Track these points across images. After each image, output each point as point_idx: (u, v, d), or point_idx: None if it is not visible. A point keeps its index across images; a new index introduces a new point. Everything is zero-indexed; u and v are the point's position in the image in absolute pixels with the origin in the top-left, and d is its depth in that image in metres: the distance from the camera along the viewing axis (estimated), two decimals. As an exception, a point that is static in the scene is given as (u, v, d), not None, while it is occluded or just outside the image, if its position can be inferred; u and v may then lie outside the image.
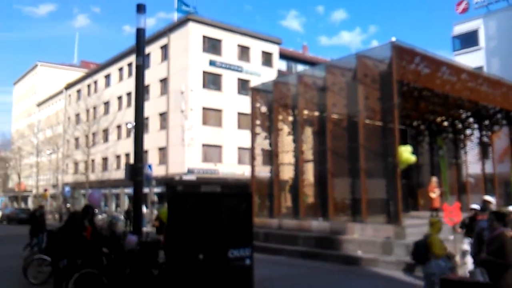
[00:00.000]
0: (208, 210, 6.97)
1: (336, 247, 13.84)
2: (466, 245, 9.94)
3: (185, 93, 37.55)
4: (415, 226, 13.98)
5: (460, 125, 22.33)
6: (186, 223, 6.91)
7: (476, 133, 22.30)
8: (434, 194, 16.83)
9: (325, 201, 15.71)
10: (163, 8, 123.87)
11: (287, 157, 18.24)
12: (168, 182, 36.84)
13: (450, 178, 21.01)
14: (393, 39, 14.15)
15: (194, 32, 38.82)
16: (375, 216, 14.25)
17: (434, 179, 17.54)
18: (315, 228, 15.56)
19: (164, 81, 40.85)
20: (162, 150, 39.93)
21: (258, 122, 19.49)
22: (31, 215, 17.16)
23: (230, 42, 40.88)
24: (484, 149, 22.30)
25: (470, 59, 38.62)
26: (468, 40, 42.00)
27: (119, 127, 45.56)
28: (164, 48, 41.41)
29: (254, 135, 19.44)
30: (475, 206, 10.22)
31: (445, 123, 22.61)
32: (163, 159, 39.50)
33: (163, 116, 40.37)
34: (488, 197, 10.54)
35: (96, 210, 23.88)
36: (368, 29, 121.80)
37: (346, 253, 13.25)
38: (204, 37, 39.37)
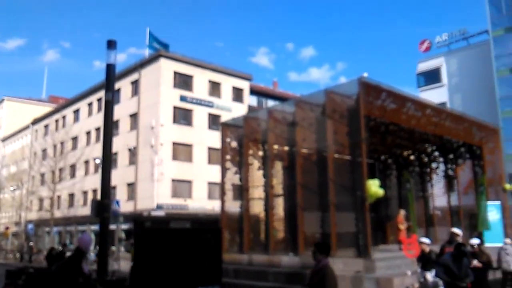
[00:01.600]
0: (176, 247, 6.84)
1: (307, 282, 13.68)
2: (430, 277, 10.04)
3: (155, 128, 37.37)
4: (384, 259, 14.04)
5: (426, 159, 22.82)
6: (153, 260, 6.75)
7: (442, 167, 22.83)
8: (402, 226, 17.02)
9: (295, 235, 15.62)
10: (135, 44, 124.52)
11: (257, 192, 18.18)
12: (136, 218, 36.09)
13: (417, 211, 21.29)
14: (365, 74, 14.58)
15: (165, 68, 39.05)
16: (344, 250, 14.23)
17: (402, 212, 17.78)
18: (285, 263, 15.40)
19: (134, 116, 40.63)
20: (131, 186, 39.28)
21: (228, 157, 19.46)
22: (48, 256, 15.27)
23: (201, 78, 41.24)
24: (450, 182, 22.79)
25: (434, 95, 40.07)
26: (432, 77, 43.74)
27: (87, 162, 44.76)
28: (135, 83, 41.40)
29: (224, 170, 19.37)
30: (425, 240, 10.40)
31: (412, 157, 23.08)
32: (132, 195, 38.82)
33: (133, 151, 39.94)
34: (455, 230, 10.72)
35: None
36: (336, 66, 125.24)
37: (317, 289, 13.10)
38: (175, 73, 39.63)
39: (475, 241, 11.27)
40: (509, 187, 21.29)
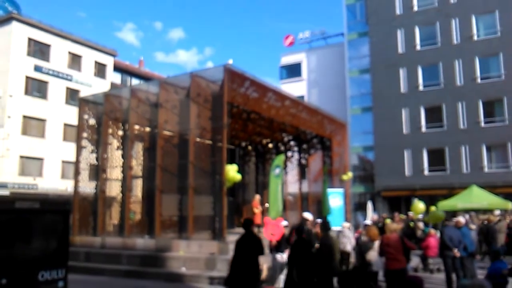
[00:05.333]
0: (16, 229, 6.32)
1: (161, 264, 13.69)
2: (281, 257, 10.73)
3: (3, 98, 33.77)
4: (238, 241, 14.61)
5: (283, 148, 24.23)
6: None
7: (296, 155, 24.46)
8: (257, 210, 17.88)
9: (152, 218, 15.47)
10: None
11: (115, 173, 17.56)
12: (-25, 198, 32.34)
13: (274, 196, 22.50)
14: (230, 61, 14.82)
15: (18, 33, 35.36)
16: (201, 233, 14.50)
17: (258, 197, 18.65)
18: (141, 246, 15.19)
19: (-24, 83, 36.15)
20: (-30, 161, 35.03)
21: (85, 134, 18.42)
22: None
23: (60, 48, 38.20)
24: (302, 170, 24.56)
25: (294, 88, 42.55)
26: (293, 71, 46.33)
27: None
28: (-21, 46, 36.78)
29: (79, 148, 18.32)
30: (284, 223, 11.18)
31: (270, 145, 24.34)
32: (-30, 172, 34.66)
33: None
34: (306, 215, 11.46)
35: None
36: (204, 51, 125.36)
37: (171, 271, 13.19)
38: (29, 39, 36.12)
39: (317, 220, 12.37)
40: (345, 177, 23.54)
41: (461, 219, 12.41)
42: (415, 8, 37.28)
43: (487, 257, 14.95)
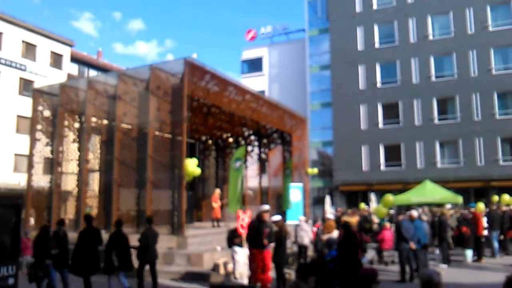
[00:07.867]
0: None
1: (117, 260, 13.44)
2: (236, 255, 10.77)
3: (-50, 87, 32.19)
4: (197, 236, 14.59)
5: (243, 142, 24.24)
6: None
7: (256, 150, 24.55)
8: (216, 204, 17.86)
9: (110, 212, 15.18)
10: None
11: (71, 166, 17.10)
12: None
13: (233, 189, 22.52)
14: (194, 55, 14.63)
15: (-33, 19, 33.73)
16: (160, 227, 14.30)
17: (218, 191, 18.62)
18: (97, 240, 14.86)
19: None
20: None
21: (39, 127, 17.85)
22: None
23: (12, 37, 36.68)
24: (262, 165, 24.67)
25: (255, 83, 42.66)
26: (254, 65, 46.39)
27: None
28: None
29: (33, 140, 17.73)
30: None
31: (231, 139, 24.30)
32: None
33: None
34: (263, 207, 11.23)
35: None
36: (165, 43, 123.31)
37: (128, 266, 12.98)
38: (-21, 26, 34.52)
39: (276, 218, 12.43)
40: (310, 171, 23.91)
41: (414, 213, 12.85)
42: (375, 7, 38.03)
43: (439, 249, 15.54)
